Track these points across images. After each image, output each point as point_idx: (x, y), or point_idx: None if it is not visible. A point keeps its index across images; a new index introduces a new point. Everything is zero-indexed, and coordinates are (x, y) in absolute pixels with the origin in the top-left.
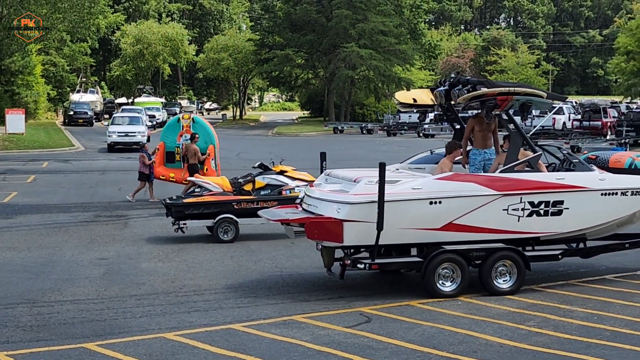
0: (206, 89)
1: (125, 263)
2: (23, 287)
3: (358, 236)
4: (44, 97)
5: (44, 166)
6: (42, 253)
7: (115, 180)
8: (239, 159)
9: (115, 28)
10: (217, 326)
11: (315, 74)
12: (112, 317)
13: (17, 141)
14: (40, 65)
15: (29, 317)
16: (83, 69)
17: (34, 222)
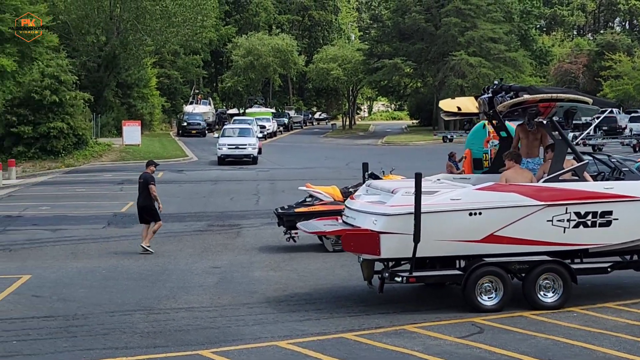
0: (316, 99)
1: (238, 272)
2: (140, 294)
3: (395, 248)
4: (158, 108)
5: (159, 176)
6: (157, 261)
7: (228, 190)
8: (349, 168)
9: (226, 40)
10: (329, 335)
11: (424, 83)
12: (226, 325)
13: (133, 152)
14: (155, 78)
15: (145, 324)
16: (196, 80)
17: None
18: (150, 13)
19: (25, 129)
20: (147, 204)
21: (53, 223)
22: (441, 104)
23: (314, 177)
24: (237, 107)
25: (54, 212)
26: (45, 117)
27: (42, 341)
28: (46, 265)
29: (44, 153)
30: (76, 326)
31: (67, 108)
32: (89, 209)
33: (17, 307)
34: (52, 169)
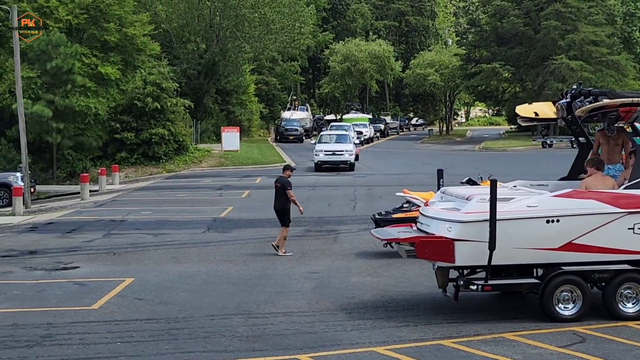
0: (412, 105)
1: (335, 277)
2: (239, 298)
3: (470, 256)
4: (257, 115)
5: (258, 182)
6: (256, 266)
7: (325, 195)
8: (446, 174)
9: (324, 47)
10: (427, 341)
11: (523, 88)
12: (324, 330)
13: (232, 158)
14: (253, 84)
15: (244, 328)
16: (293, 87)
17: (249, 236)
18: (249, 21)
19: (128, 135)
20: (282, 208)
21: (155, 227)
22: (518, 110)
23: (411, 183)
24: (334, 113)
25: (155, 216)
26: (147, 123)
27: (145, 343)
28: (148, 269)
29: (145, 159)
30: (177, 329)
31: (168, 115)
32: (189, 214)
33: (121, 310)
34: (154, 174)
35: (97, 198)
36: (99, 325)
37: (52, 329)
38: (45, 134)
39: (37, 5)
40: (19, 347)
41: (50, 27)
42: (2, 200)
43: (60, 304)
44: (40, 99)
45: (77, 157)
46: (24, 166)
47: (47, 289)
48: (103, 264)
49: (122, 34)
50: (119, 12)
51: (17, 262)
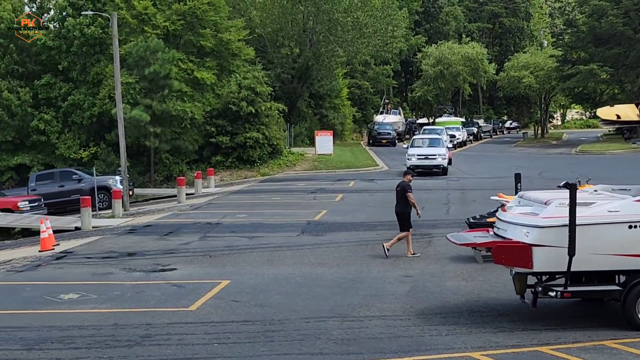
0: (506, 108)
1: (430, 281)
2: (333, 301)
3: (549, 262)
4: (349, 118)
5: (351, 185)
6: (350, 269)
7: (418, 199)
8: (542, 178)
9: (416, 50)
10: (524, 348)
11: (622, 89)
12: (419, 334)
13: (325, 161)
14: (346, 88)
15: (339, 331)
16: (386, 90)
17: (342, 239)
18: (342, 25)
19: (224, 139)
20: (403, 211)
21: (250, 230)
22: (599, 112)
23: (505, 187)
24: (426, 117)
25: (250, 219)
26: (242, 127)
27: (241, 345)
28: (244, 271)
29: (240, 162)
30: (273, 331)
31: (262, 118)
32: (284, 217)
33: (217, 311)
34: (248, 177)
35: (194, 201)
36: (197, 327)
37: (151, 329)
38: (143, 138)
39: (136, 12)
40: (119, 346)
41: (148, 34)
42: (102, 203)
43: (158, 305)
44: (138, 104)
45: (173, 161)
46: (123, 169)
47: (145, 290)
48: (200, 266)
49: (218, 40)
50: (215, 18)
51: (117, 263)
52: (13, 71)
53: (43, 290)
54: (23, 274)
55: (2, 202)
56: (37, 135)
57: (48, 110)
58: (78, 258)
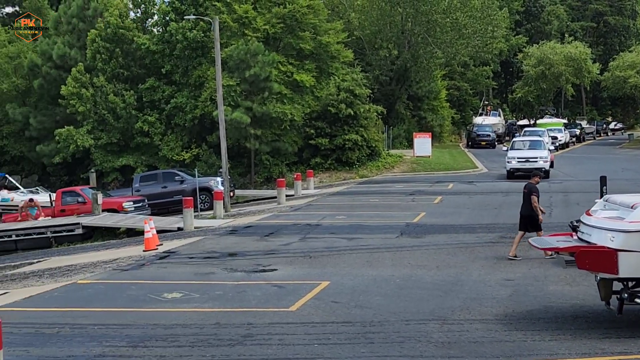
0: (610, 108)
1: (532, 285)
2: (433, 304)
3: (635, 267)
4: (448, 120)
5: (450, 187)
6: (450, 272)
7: (519, 201)
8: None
9: (517, 50)
10: (632, 355)
11: None
12: (521, 339)
13: (424, 163)
14: (444, 89)
15: (439, 334)
16: (485, 92)
17: (442, 241)
18: (441, 26)
19: (323, 141)
20: (531, 214)
21: (349, 232)
22: None
23: (610, 190)
24: (527, 118)
25: (349, 221)
26: (341, 129)
27: (342, 346)
28: (343, 273)
29: (339, 164)
30: (373, 333)
31: (361, 121)
32: (383, 218)
33: (318, 312)
34: (347, 179)
35: (293, 202)
36: (297, 327)
37: (252, 329)
38: (243, 139)
39: (237, 16)
40: (222, 345)
41: (248, 37)
42: (203, 204)
43: (259, 305)
44: (239, 106)
45: (273, 162)
46: (224, 171)
47: (247, 290)
48: (300, 266)
49: (317, 42)
50: (314, 21)
51: (218, 263)
52: (118, 75)
53: (147, 289)
54: (128, 273)
55: (107, 203)
56: (141, 137)
57: (152, 113)
58: (181, 258)
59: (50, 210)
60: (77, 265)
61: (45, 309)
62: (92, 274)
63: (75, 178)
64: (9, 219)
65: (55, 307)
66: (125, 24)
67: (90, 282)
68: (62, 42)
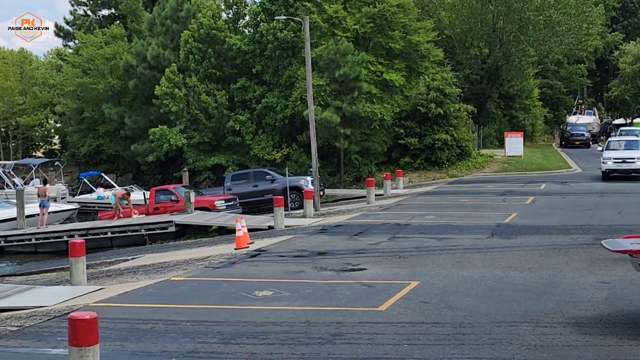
0: None
1: (629, 288)
2: (525, 306)
3: None
4: (540, 119)
5: (542, 188)
6: (542, 274)
7: (615, 202)
8: None
9: (613, 48)
10: None
11: None
12: (617, 343)
13: (515, 163)
14: (537, 88)
15: (532, 337)
16: (579, 90)
17: (534, 242)
18: (534, 23)
19: (412, 140)
20: None
21: (439, 232)
22: None
23: None
24: (623, 117)
25: (439, 221)
26: (431, 129)
27: (431, 346)
28: (433, 273)
29: (428, 164)
30: (463, 334)
31: (451, 120)
32: (473, 219)
33: (407, 312)
34: (436, 179)
35: (382, 202)
36: (387, 327)
37: (342, 328)
38: (333, 139)
39: (327, 16)
40: (311, 343)
41: (338, 37)
42: (294, 203)
43: (349, 304)
44: (329, 106)
45: (363, 162)
46: (314, 170)
47: (336, 289)
48: (389, 266)
49: (407, 41)
50: (404, 20)
51: (308, 262)
52: (211, 75)
53: (239, 286)
54: (220, 271)
55: (200, 201)
56: (233, 136)
57: (243, 112)
58: (271, 256)
59: (144, 208)
60: (170, 262)
61: (140, 305)
62: (185, 271)
63: (168, 177)
64: (105, 217)
65: (149, 303)
66: (218, 25)
67: (183, 279)
68: (156, 43)
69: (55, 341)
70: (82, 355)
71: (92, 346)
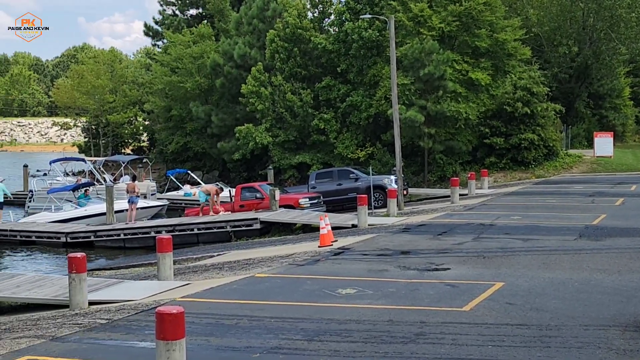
0: None
1: None
2: (614, 309)
3: None
4: (631, 119)
5: (633, 189)
6: (632, 277)
7: None
8: None
9: None
10: None
11: None
12: None
13: (604, 164)
14: (628, 87)
15: (621, 341)
16: None
17: (623, 245)
18: (625, 21)
19: (498, 140)
20: None
21: (524, 232)
22: None
23: None
24: None
25: (524, 221)
26: (517, 128)
27: (516, 349)
28: (518, 274)
29: (514, 164)
30: (549, 337)
31: (538, 119)
32: (560, 220)
33: (492, 313)
34: (522, 179)
35: (467, 202)
36: (470, 327)
37: (425, 328)
38: (417, 138)
39: (412, 15)
40: (394, 342)
41: (423, 36)
42: (377, 202)
43: (432, 304)
44: (413, 105)
45: (447, 162)
46: (397, 169)
47: (419, 289)
48: (473, 266)
49: (493, 40)
50: (490, 18)
51: (391, 261)
52: (296, 74)
53: (322, 284)
54: (304, 268)
55: (284, 199)
56: (317, 134)
57: (327, 111)
58: (354, 255)
59: (229, 205)
60: (255, 259)
61: (225, 300)
62: (269, 268)
63: (253, 174)
64: (191, 213)
65: (234, 299)
66: (303, 24)
67: (267, 276)
68: (243, 42)
69: (143, 334)
70: (168, 349)
71: (179, 340)
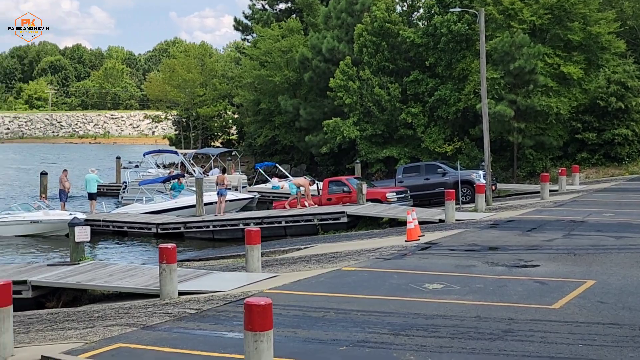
0: None
1: None
2: None
3: None
4: None
5: None
6: None
7: None
8: None
9: None
10: None
11: None
12: None
13: None
14: None
15: None
16: None
17: None
18: None
19: (590, 135)
20: None
21: (617, 230)
22: None
23: None
24: None
25: (617, 219)
26: (610, 123)
27: (608, 348)
28: (610, 272)
29: (607, 159)
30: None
31: (632, 115)
32: None
33: (582, 312)
34: (615, 175)
35: (557, 198)
36: (560, 325)
37: (513, 325)
38: (506, 133)
39: (503, 8)
40: (482, 339)
41: (514, 29)
42: (465, 197)
43: (520, 301)
44: (502, 99)
45: (537, 157)
46: (486, 164)
47: (507, 285)
48: (563, 264)
49: (586, 33)
50: (584, 11)
51: (479, 256)
52: (384, 68)
53: (409, 278)
54: (390, 262)
55: (371, 193)
56: (405, 129)
57: (415, 105)
58: (442, 249)
59: (317, 198)
60: (342, 252)
61: (312, 293)
62: (356, 261)
63: (341, 168)
64: (279, 206)
65: (321, 291)
66: (392, 18)
67: (354, 270)
68: (331, 36)
69: (231, 325)
70: (256, 340)
71: (267, 331)
